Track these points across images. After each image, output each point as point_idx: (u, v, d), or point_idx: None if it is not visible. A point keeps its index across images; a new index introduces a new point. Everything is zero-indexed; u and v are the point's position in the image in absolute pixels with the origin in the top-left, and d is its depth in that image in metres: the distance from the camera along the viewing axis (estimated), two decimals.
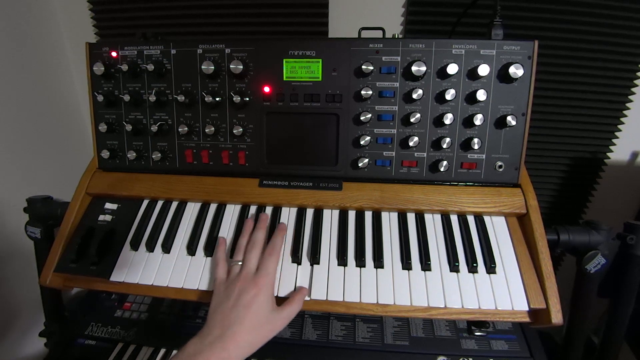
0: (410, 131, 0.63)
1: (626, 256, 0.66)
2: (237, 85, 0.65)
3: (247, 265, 0.55)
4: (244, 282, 0.53)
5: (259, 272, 0.54)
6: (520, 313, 0.54)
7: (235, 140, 0.67)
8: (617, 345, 0.72)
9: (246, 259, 0.56)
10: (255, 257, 0.56)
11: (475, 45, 0.60)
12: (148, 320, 0.76)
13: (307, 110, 0.64)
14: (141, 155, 0.69)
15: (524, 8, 0.91)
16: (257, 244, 0.58)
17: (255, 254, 0.57)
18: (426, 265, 0.57)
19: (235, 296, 0.51)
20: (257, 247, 0.58)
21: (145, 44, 0.66)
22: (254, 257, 0.56)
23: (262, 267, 0.55)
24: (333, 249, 0.60)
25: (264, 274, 0.54)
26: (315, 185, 0.65)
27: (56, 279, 0.62)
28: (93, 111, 0.69)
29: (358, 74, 0.62)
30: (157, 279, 0.59)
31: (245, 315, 0.50)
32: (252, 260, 0.56)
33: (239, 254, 0.58)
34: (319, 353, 0.69)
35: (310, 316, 0.75)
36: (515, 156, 0.62)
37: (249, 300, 0.51)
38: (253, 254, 0.57)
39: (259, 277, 0.54)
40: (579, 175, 1.07)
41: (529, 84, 0.60)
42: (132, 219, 0.66)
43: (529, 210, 0.61)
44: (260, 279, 0.53)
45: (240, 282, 0.53)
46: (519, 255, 0.59)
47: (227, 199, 0.66)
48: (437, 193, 0.63)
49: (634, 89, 0.98)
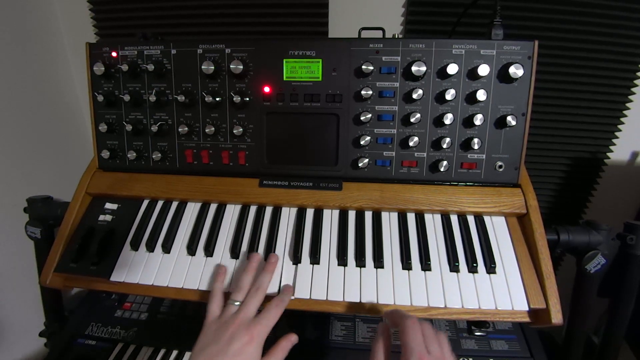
0: (410, 131, 0.63)
1: (626, 256, 0.66)
2: (237, 85, 0.65)
3: (246, 309, 0.51)
4: (237, 328, 0.49)
5: (258, 320, 0.50)
6: (520, 313, 0.54)
7: (235, 140, 0.67)
8: (617, 345, 0.72)
9: (247, 303, 0.52)
10: (257, 304, 0.52)
11: (475, 45, 0.60)
12: (148, 320, 0.76)
13: (307, 110, 0.64)
14: (141, 155, 0.69)
15: (524, 8, 0.91)
16: (262, 290, 0.54)
17: (257, 300, 0.53)
18: (426, 265, 0.57)
19: (226, 341, 0.48)
20: (261, 293, 0.54)
21: (145, 44, 0.66)
22: (255, 304, 0.52)
23: (262, 317, 0.51)
24: (333, 249, 0.60)
25: (264, 324, 0.50)
26: (315, 185, 0.65)
27: (56, 279, 0.62)
28: (93, 111, 0.69)
29: (358, 74, 0.62)
30: (157, 279, 0.59)
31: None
32: (253, 306, 0.52)
33: (239, 293, 0.54)
34: (319, 353, 0.69)
35: (311, 316, 0.75)
36: (515, 156, 0.62)
37: (239, 349, 0.47)
38: (255, 299, 0.53)
39: (257, 325, 0.49)
40: (579, 175, 1.07)
41: (529, 84, 0.60)
42: (132, 219, 0.66)
43: (529, 210, 0.61)
44: (257, 328, 0.49)
45: (234, 327, 0.49)
46: (519, 255, 0.59)
47: (227, 199, 0.66)
48: (437, 193, 0.63)
49: (634, 89, 0.98)
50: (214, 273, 0.59)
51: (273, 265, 0.57)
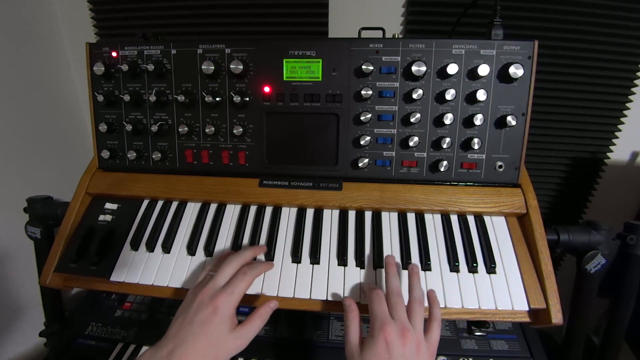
0: (410, 131, 0.63)
1: (626, 256, 0.66)
2: (237, 85, 0.65)
3: (216, 278, 0.51)
4: (204, 296, 0.49)
5: (224, 289, 0.50)
6: (520, 313, 0.54)
7: (235, 140, 0.67)
8: (617, 345, 0.72)
9: (219, 272, 0.52)
10: (229, 273, 0.52)
11: (475, 45, 0.60)
12: (148, 320, 0.76)
13: (307, 110, 0.64)
14: (141, 155, 0.69)
15: (524, 8, 0.91)
16: (237, 260, 0.54)
17: (229, 270, 0.52)
18: (426, 265, 0.57)
19: (194, 310, 0.48)
20: (235, 262, 0.53)
21: (145, 44, 0.66)
22: (227, 273, 0.52)
23: (228, 285, 0.50)
24: (333, 249, 0.60)
25: (228, 292, 0.49)
26: (315, 185, 0.65)
27: (56, 279, 0.62)
28: (93, 111, 0.69)
29: (358, 74, 0.62)
30: (157, 279, 0.59)
31: (198, 333, 0.46)
32: (224, 275, 0.52)
33: (218, 265, 0.54)
34: (319, 353, 0.69)
35: (311, 316, 0.75)
36: (515, 156, 0.62)
37: (205, 318, 0.47)
38: (228, 269, 0.52)
39: (220, 294, 0.49)
40: (579, 175, 1.07)
41: (529, 84, 0.60)
42: (132, 219, 0.66)
43: (529, 210, 0.61)
44: (220, 296, 0.49)
45: (201, 295, 0.49)
46: (519, 255, 0.59)
47: (227, 199, 0.66)
48: (437, 193, 0.63)
49: (634, 89, 0.98)
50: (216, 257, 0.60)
51: (261, 249, 0.59)
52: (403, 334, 0.45)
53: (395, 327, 0.46)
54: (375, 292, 0.50)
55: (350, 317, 0.50)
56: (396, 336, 0.45)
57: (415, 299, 0.50)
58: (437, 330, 0.49)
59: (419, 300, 0.50)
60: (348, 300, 0.52)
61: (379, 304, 0.49)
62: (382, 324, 0.46)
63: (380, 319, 0.47)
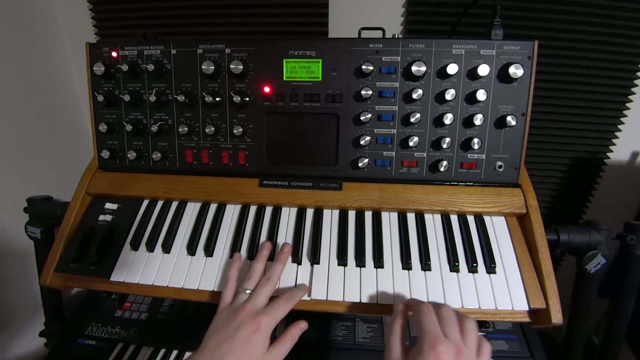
0: (410, 131, 0.63)
1: (626, 256, 0.66)
2: (237, 85, 0.65)
3: (255, 299, 0.52)
4: (245, 317, 0.49)
5: (267, 311, 0.50)
6: (520, 313, 0.54)
7: (235, 140, 0.67)
8: (617, 345, 0.72)
9: (256, 292, 0.52)
10: (267, 294, 0.53)
11: (475, 45, 0.60)
12: (148, 320, 0.76)
13: (307, 110, 0.64)
14: (141, 155, 0.69)
15: (524, 8, 0.91)
16: (273, 280, 0.54)
17: (267, 290, 0.53)
18: (426, 265, 0.57)
19: (234, 328, 0.48)
20: (271, 283, 0.54)
21: (145, 44, 0.66)
22: (265, 294, 0.53)
23: (270, 308, 0.51)
24: (333, 249, 0.60)
25: (272, 315, 0.50)
26: (315, 185, 0.65)
27: (56, 279, 0.62)
28: (93, 111, 0.69)
29: (358, 74, 0.62)
30: (157, 279, 0.59)
31: (238, 352, 0.47)
32: (262, 296, 0.52)
33: (250, 281, 0.54)
34: (319, 353, 0.69)
35: (311, 316, 0.75)
36: (515, 156, 0.62)
37: (245, 338, 0.48)
38: (265, 289, 0.53)
39: (264, 316, 0.49)
40: (579, 175, 1.07)
41: (529, 84, 0.60)
42: (132, 219, 0.66)
43: (529, 210, 0.61)
44: (264, 318, 0.49)
45: (242, 315, 0.49)
46: (519, 255, 0.59)
47: (227, 199, 0.66)
48: (437, 193, 0.63)
49: (634, 89, 0.98)
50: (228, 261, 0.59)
51: (286, 255, 0.58)
52: (458, 356, 0.41)
53: (449, 346, 0.41)
54: (425, 305, 0.47)
55: (396, 324, 0.48)
56: (449, 357, 0.41)
57: (468, 318, 0.46)
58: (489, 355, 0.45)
59: (472, 320, 0.46)
60: (401, 306, 0.50)
61: (430, 317, 0.45)
62: (434, 340, 0.42)
63: (432, 334, 0.42)
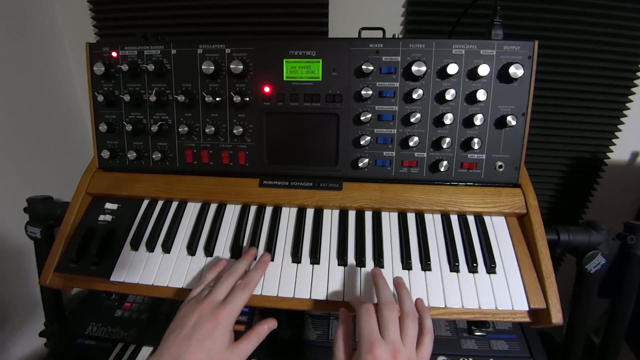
0: (410, 131, 0.63)
1: (626, 256, 0.66)
2: (237, 85, 0.65)
3: (214, 293, 0.50)
4: (203, 311, 0.48)
5: (224, 304, 0.49)
6: (520, 313, 0.54)
7: (236, 140, 0.67)
8: (617, 345, 0.72)
9: (216, 286, 0.51)
10: (227, 288, 0.52)
11: (475, 45, 0.60)
12: (148, 320, 0.76)
13: (307, 110, 0.64)
14: (141, 155, 0.69)
15: (524, 8, 0.91)
16: (234, 274, 0.53)
17: (227, 284, 0.52)
18: (426, 265, 0.57)
19: (191, 326, 0.47)
20: (232, 277, 0.53)
21: (145, 44, 0.66)
22: (225, 287, 0.51)
23: (229, 300, 0.49)
24: (333, 249, 0.60)
25: (229, 308, 0.49)
26: (315, 185, 0.65)
27: (56, 279, 0.62)
28: (93, 111, 0.69)
29: (358, 74, 0.62)
30: (157, 279, 0.59)
31: (197, 348, 0.45)
32: (222, 289, 0.51)
33: (217, 279, 0.54)
34: (319, 353, 0.69)
35: (310, 316, 0.75)
36: (515, 156, 0.62)
37: (204, 334, 0.46)
38: (226, 283, 0.52)
39: (222, 309, 0.48)
40: (579, 175, 1.07)
41: (529, 84, 0.60)
42: (132, 219, 0.66)
43: (529, 210, 0.61)
44: (222, 312, 0.48)
45: (200, 311, 0.48)
46: (519, 255, 0.59)
47: (227, 199, 0.66)
48: (437, 193, 0.63)
49: (634, 89, 0.98)
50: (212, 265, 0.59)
51: (250, 256, 0.58)
52: (394, 355, 0.42)
53: (385, 347, 0.43)
54: (364, 307, 0.47)
55: (339, 332, 0.48)
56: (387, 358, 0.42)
57: (407, 313, 0.47)
58: (430, 343, 0.47)
59: (412, 314, 0.48)
60: (343, 314, 0.50)
61: (368, 321, 0.46)
62: (370, 344, 0.43)
63: (369, 339, 0.44)
